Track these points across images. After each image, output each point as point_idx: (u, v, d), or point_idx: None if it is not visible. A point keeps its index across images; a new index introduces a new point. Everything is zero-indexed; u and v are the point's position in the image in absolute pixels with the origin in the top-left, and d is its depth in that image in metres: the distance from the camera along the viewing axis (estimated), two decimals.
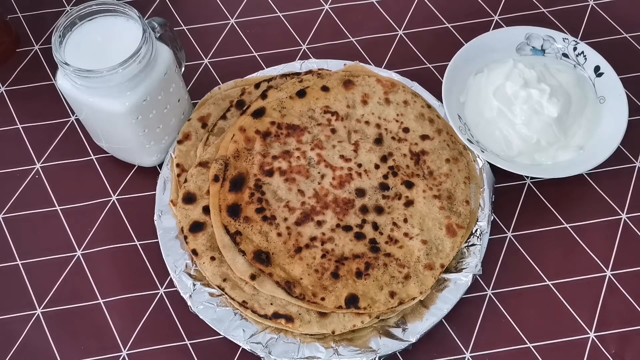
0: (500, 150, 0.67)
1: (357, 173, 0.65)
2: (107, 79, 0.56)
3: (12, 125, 0.73)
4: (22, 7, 0.82)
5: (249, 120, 0.67)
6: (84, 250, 0.66)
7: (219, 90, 0.72)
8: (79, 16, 0.60)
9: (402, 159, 0.67)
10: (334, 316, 0.59)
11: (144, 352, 0.61)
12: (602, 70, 0.70)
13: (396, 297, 0.59)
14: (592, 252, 0.65)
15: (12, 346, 0.61)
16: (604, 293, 0.63)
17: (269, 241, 0.62)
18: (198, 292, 0.60)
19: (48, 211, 0.68)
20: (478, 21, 0.80)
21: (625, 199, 0.68)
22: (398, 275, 0.60)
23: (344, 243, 0.62)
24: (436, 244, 0.62)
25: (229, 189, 0.64)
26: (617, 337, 0.61)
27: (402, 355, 0.60)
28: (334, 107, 0.69)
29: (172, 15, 0.81)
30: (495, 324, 0.61)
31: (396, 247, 0.62)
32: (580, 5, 0.80)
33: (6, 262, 0.65)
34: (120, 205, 0.68)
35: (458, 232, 0.63)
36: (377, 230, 0.63)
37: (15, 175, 0.70)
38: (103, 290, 0.63)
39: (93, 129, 0.67)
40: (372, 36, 0.79)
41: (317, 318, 0.58)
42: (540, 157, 0.67)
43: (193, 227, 0.63)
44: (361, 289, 0.59)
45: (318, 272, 0.60)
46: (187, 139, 0.68)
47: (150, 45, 0.59)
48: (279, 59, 0.76)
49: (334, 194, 0.64)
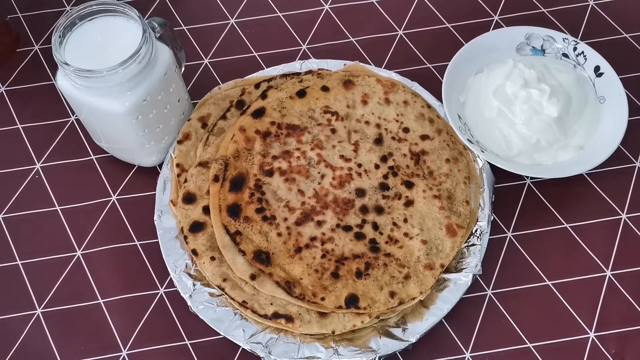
0: (500, 150, 0.67)
1: (357, 173, 0.65)
2: (107, 79, 0.56)
3: (12, 125, 0.73)
4: (22, 7, 0.82)
5: (249, 120, 0.67)
6: (84, 250, 0.66)
7: (219, 90, 0.72)
8: (79, 16, 0.60)
9: (402, 159, 0.67)
10: (334, 316, 0.59)
11: (144, 352, 0.61)
12: (602, 70, 0.70)
13: (396, 297, 0.59)
14: (592, 252, 0.65)
15: (12, 346, 0.61)
16: (604, 293, 0.63)
17: (269, 241, 0.62)
18: (198, 292, 0.60)
19: (48, 211, 0.68)
20: (478, 21, 0.80)
21: (625, 199, 0.68)
22: (398, 275, 0.60)
23: (344, 243, 0.62)
24: (436, 244, 0.62)
25: (229, 189, 0.64)
26: (617, 337, 0.61)
27: (402, 355, 0.60)
28: (334, 107, 0.69)
29: (172, 15, 0.81)
30: (495, 324, 0.61)
31: (396, 247, 0.62)
32: (580, 5, 0.80)
33: (6, 262, 0.65)
34: (120, 205, 0.68)
35: (458, 232, 0.63)
36: (377, 230, 0.63)
37: (15, 175, 0.70)
38: (103, 290, 0.63)
39: (93, 129, 0.67)
40: (372, 36, 0.79)
41: (317, 318, 0.58)
42: (540, 157, 0.67)
43: (193, 227, 0.63)
44: (361, 289, 0.59)
45: (318, 272, 0.60)
46: (187, 139, 0.68)
47: (150, 45, 0.59)
48: (279, 59, 0.76)
49: (334, 194, 0.64)
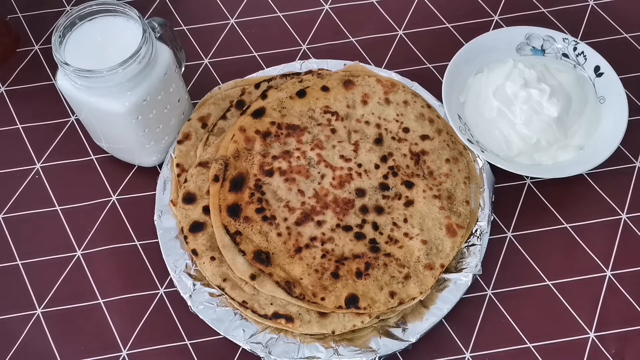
0: (500, 150, 0.67)
1: (357, 173, 0.65)
2: (107, 79, 0.56)
3: (12, 125, 0.73)
4: (22, 7, 0.82)
5: (249, 120, 0.67)
6: (84, 250, 0.66)
7: (219, 90, 0.72)
8: (79, 16, 0.60)
9: (402, 159, 0.66)
10: (334, 316, 0.59)
11: (144, 352, 0.61)
12: (602, 70, 0.70)
13: (396, 297, 0.59)
14: (592, 252, 0.65)
15: (12, 346, 0.61)
16: (604, 293, 0.63)
17: (269, 241, 0.62)
18: (198, 292, 0.60)
19: (48, 211, 0.68)
20: (478, 21, 0.79)
21: (625, 199, 0.68)
22: (398, 275, 0.60)
23: (344, 243, 0.62)
24: (436, 244, 0.62)
25: (229, 189, 0.64)
26: (617, 337, 0.61)
27: (402, 355, 0.60)
28: (334, 107, 0.69)
29: (172, 15, 0.81)
30: (495, 324, 0.61)
31: (396, 247, 0.62)
32: (580, 5, 0.80)
33: (6, 262, 0.65)
34: (120, 205, 0.68)
35: (458, 232, 0.63)
36: (377, 230, 0.63)
37: (15, 175, 0.70)
38: (103, 290, 0.63)
39: (93, 129, 0.67)
40: (372, 36, 0.79)
41: (317, 318, 0.58)
42: (540, 157, 0.67)
43: (193, 227, 0.63)
44: (361, 289, 0.59)
45: (318, 272, 0.60)
46: (187, 139, 0.68)
47: (150, 45, 0.59)
48: (279, 59, 0.76)
49: (334, 194, 0.64)
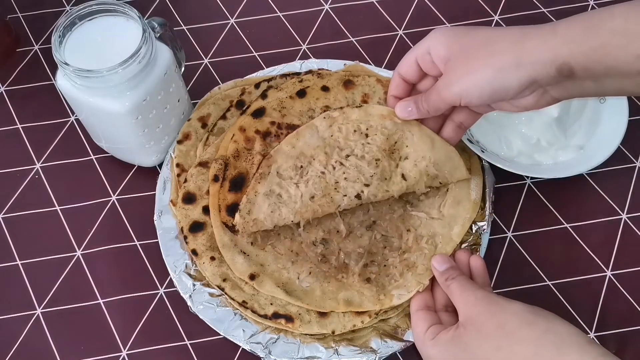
0: (500, 150, 0.67)
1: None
2: (107, 79, 0.56)
3: (12, 125, 0.73)
4: (22, 7, 0.82)
5: (249, 120, 0.67)
6: (84, 250, 0.66)
7: (219, 90, 0.72)
8: (79, 16, 0.60)
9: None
10: (334, 316, 0.59)
11: (144, 352, 0.61)
12: None
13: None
14: (592, 252, 0.65)
15: (12, 346, 0.61)
16: (604, 293, 0.63)
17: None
18: (198, 292, 0.60)
19: (48, 211, 0.68)
20: (478, 21, 0.79)
21: (625, 199, 0.68)
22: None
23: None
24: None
25: (228, 188, 0.63)
26: (617, 337, 0.61)
27: (402, 355, 0.60)
28: (334, 107, 0.69)
29: (172, 15, 0.81)
30: None
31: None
32: (580, 5, 0.80)
33: (6, 262, 0.65)
34: (120, 205, 0.68)
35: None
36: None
37: (15, 175, 0.70)
38: (103, 290, 0.63)
39: (93, 129, 0.67)
40: (372, 36, 0.79)
41: (317, 318, 0.58)
42: (540, 157, 0.67)
43: (193, 227, 0.63)
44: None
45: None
46: (187, 139, 0.68)
47: (150, 45, 0.59)
48: (279, 59, 0.76)
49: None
